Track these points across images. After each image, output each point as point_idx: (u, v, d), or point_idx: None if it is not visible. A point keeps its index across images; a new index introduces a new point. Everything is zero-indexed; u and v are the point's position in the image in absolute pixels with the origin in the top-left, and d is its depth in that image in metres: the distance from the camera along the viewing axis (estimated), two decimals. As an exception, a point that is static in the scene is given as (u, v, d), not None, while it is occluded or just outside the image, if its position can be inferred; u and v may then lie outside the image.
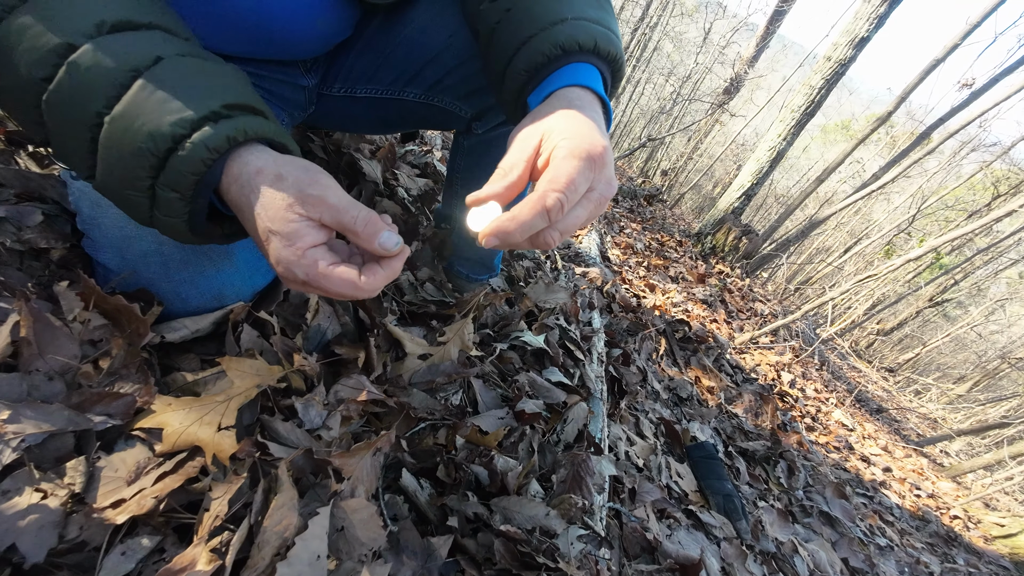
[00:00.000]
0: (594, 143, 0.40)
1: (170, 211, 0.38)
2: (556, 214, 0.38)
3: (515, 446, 0.79)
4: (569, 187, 0.38)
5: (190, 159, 0.36)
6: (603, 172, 0.41)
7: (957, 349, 12.46)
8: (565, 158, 0.39)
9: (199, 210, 0.40)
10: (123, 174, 0.37)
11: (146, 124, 0.35)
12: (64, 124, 0.37)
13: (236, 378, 0.51)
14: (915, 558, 1.87)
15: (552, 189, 0.38)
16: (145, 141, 0.35)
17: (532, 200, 0.38)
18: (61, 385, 0.46)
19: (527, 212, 0.37)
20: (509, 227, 0.37)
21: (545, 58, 0.47)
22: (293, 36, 0.58)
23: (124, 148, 0.36)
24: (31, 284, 0.52)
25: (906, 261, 2.48)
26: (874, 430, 3.61)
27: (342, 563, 0.49)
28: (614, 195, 0.42)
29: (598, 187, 0.41)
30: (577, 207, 0.40)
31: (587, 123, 0.42)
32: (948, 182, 9.54)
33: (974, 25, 4.52)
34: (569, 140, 0.40)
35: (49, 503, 0.39)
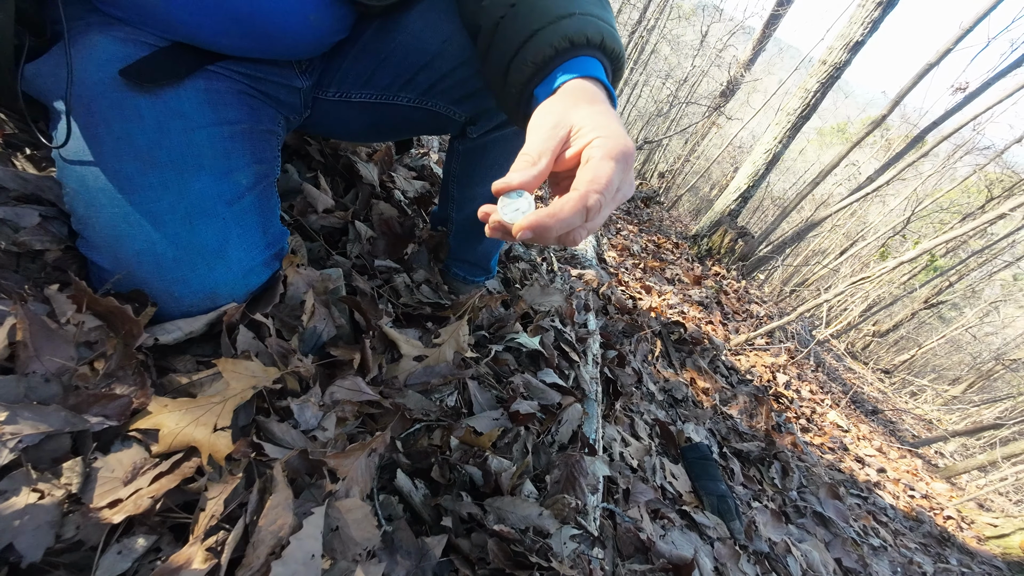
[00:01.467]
0: (627, 144, 0.41)
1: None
2: (594, 215, 0.38)
3: (509, 447, 0.79)
4: (608, 189, 0.39)
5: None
6: (629, 174, 0.42)
7: (952, 351, 12.54)
8: (603, 159, 0.40)
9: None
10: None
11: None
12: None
13: (232, 379, 0.52)
14: (908, 558, 1.88)
15: (594, 190, 0.38)
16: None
17: (574, 199, 0.38)
18: (58, 387, 0.46)
19: (568, 210, 0.38)
20: (549, 223, 0.38)
21: (554, 50, 0.48)
22: (286, 30, 0.58)
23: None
24: (27, 286, 0.52)
25: (900, 263, 2.50)
26: (869, 431, 3.63)
27: (336, 562, 0.49)
28: (632, 193, 0.43)
29: (623, 187, 0.42)
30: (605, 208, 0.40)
31: (616, 122, 0.43)
32: (942, 185, 9.61)
33: (967, 29, 4.56)
34: (604, 140, 0.41)
35: (46, 503, 0.39)
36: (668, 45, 10.59)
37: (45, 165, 0.65)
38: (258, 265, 0.63)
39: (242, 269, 0.60)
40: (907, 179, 8.55)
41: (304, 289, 0.73)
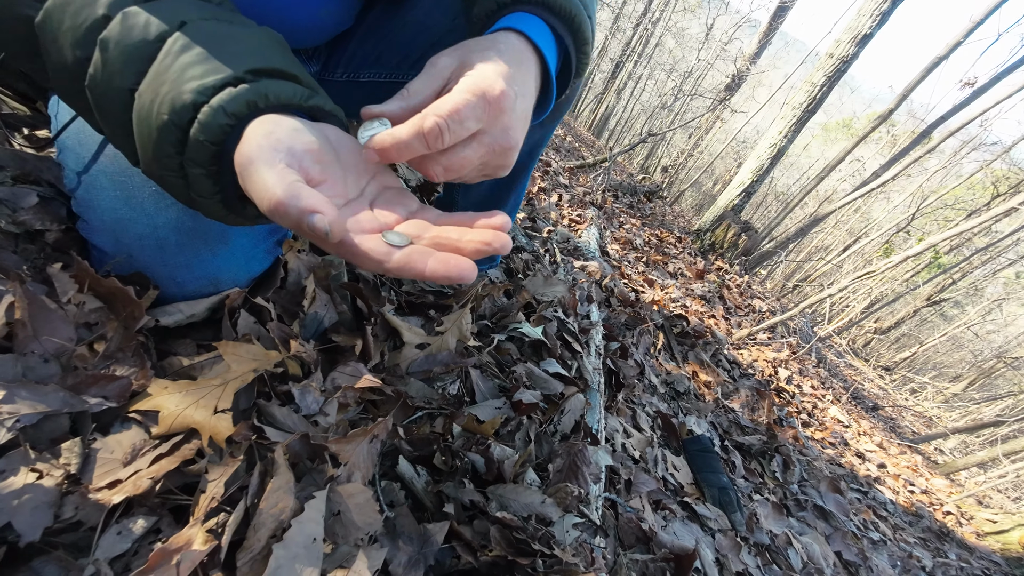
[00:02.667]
0: (493, 84, 0.37)
1: (201, 190, 0.36)
2: (435, 141, 0.35)
3: (512, 435, 0.79)
4: (452, 116, 0.35)
5: (208, 127, 0.33)
6: (499, 118, 0.38)
7: (953, 348, 12.53)
8: (459, 91, 0.37)
9: (227, 186, 0.36)
10: (156, 152, 0.35)
11: (169, 94, 0.33)
12: (105, 106, 0.36)
13: (233, 362, 0.51)
14: (908, 552, 1.88)
15: (432, 113, 0.35)
16: (168, 112, 0.33)
17: (412, 121, 0.35)
18: (56, 367, 0.46)
19: (404, 132, 0.35)
20: (386, 142, 0.36)
21: (496, 4, 0.46)
22: (295, 23, 0.58)
23: (152, 123, 0.34)
24: (26, 267, 0.52)
25: (905, 258, 2.49)
26: (869, 427, 3.63)
27: (338, 547, 0.49)
28: (512, 147, 0.40)
29: (491, 131, 0.38)
30: (465, 148, 0.38)
31: (498, 67, 0.39)
32: (948, 181, 9.54)
33: (977, 23, 4.50)
34: (469, 77, 0.38)
35: (44, 483, 0.39)
36: (673, 38, 10.48)
37: (44, 145, 0.64)
38: (260, 251, 0.62)
39: (245, 255, 0.59)
40: (912, 175, 8.49)
41: (305, 274, 0.72)
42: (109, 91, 0.35)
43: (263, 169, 0.31)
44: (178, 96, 0.33)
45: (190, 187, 0.36)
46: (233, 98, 0.34)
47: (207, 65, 0.34)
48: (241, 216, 0.40)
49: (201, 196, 0.37)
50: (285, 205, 0.29)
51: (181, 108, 0.33)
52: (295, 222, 0.30)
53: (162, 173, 0.36)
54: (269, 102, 0.35)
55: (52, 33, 0.35)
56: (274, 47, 0.39)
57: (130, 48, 0.34)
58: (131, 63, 0.34)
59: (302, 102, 0.38)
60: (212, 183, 0.36)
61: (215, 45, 0.35)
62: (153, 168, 0.37)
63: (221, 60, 0.34)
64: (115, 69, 0.34)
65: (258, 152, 0.32)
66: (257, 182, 0.31)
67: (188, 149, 0.34)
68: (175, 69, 0.34)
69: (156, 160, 0.36)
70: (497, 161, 0.40)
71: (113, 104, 0.35)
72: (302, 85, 0.39)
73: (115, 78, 0.34)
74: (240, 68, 0.35)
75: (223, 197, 0.37)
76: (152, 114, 0.34)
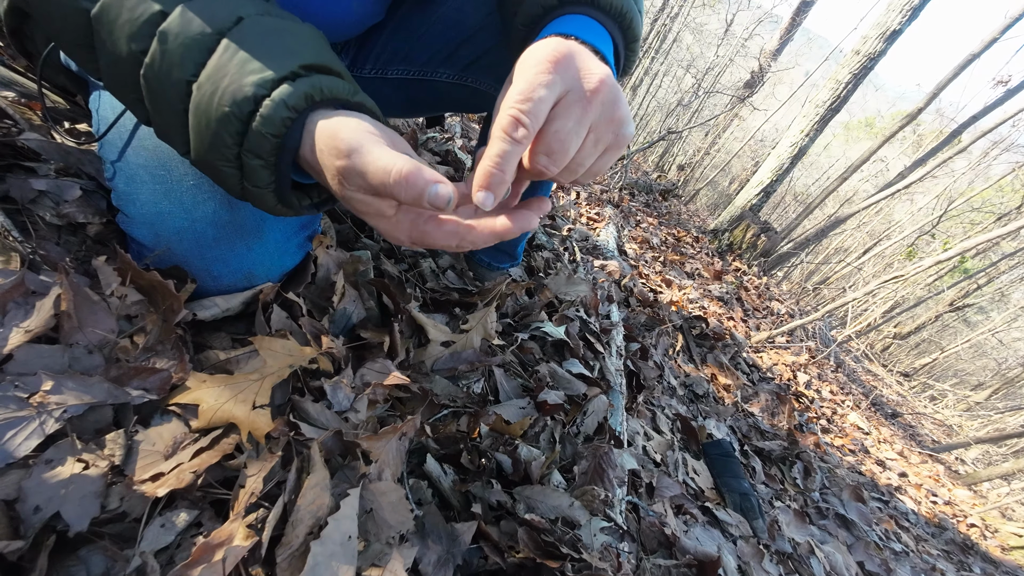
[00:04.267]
0: (555, 48, 0.34)
1: (257, 180, 0.37)
2: (516, 130, 0.32)
3: (537, 436, 0.78)
4: (522, 98, 0.32)
5: (270, 120, 0.34)
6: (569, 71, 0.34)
7: (976, 355, 12.16)
8: (518, 73, 0.34)
9: (283, 178, 0.38)
10: (212, 143, 0.36)
11: (230, 87, 0.34)
12: (160, 97, 0.36)
13: (268, 357, 0.52)
14: (931, 565, 1.83)
15: (513, 104, 0.32)
16: (229, 105, 0.34)
17: (496, 132, 0.33)
18: (100, 358, 0.46)
19: (493, 144, 0.33)
20: (488, 167, 0.33)
21: (541, 9, 0.44)
22: (330, 16, 0.57)
23: (211, 115, 0.35)
24: (69, 259, 0.53)
25: (937, 262, 2.41)
26: (889, 434, 3.54)
27: (370, 544, 0.49)
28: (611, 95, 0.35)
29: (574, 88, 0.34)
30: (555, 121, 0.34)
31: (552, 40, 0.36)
32: (976, 183, 9.24)
33: (1014, 19, 4.33)
34: (532, 48, 0.35)
35: (91, 473, 0.39)
36: (691, 34, 10.31)
37: (85, 139, 0.65)
38: (292, 246, 0.62)
39: (278, 250, 0.59)
40: (937, 177, 8.24)
41: (334, 270, 0.72)
42: (167, 82, 0.35)
43: (377, 150, 0.33)
44: (239, 89, 0.34)
45: (245, 177, 0.37)
46: (292, 92, 0.35)
47: (266, 60, 0.35)
48: (290, 207, 0.41)
49: (256, 187, 0.37)
50: (415, 176, 0.32)
51: (243, 100, 0.34)
52: (418, 193, 0.32)
53: (217, 163, 0.37)
54: (324, 95, 0.36)
55: (108, 25, 0.35)
56: (321, 42, 0.40)
57: (190, 41, 0.34)
58: (190, 55, 0.35)
59: (350, 97, 0.39)
60: (269, 173, 0.37)
61: (271, 40, 0.36)
62: (207, 158, 0.37)
63: (278, 55, 0.35)
64: (174, 61, 0.35)
65: (365, 136, 0.34)
66: (377, 160, 0.33)
67: (248, 140, 0.35)
68: (236, 63, 0.34)
69: (213, 150, 0.36)
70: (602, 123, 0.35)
71: (170, 95, 0.36)
72: (347, 81, 0.40)
73: (174, 70, 0.35)
74: (296, 63, 0.36)
75: (277, 187, 0.38)
76: (212, 105, 0.35)
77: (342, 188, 0.36)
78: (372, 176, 0.33)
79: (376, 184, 0.33)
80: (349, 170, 0.34)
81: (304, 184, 0.43)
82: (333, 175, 0.36)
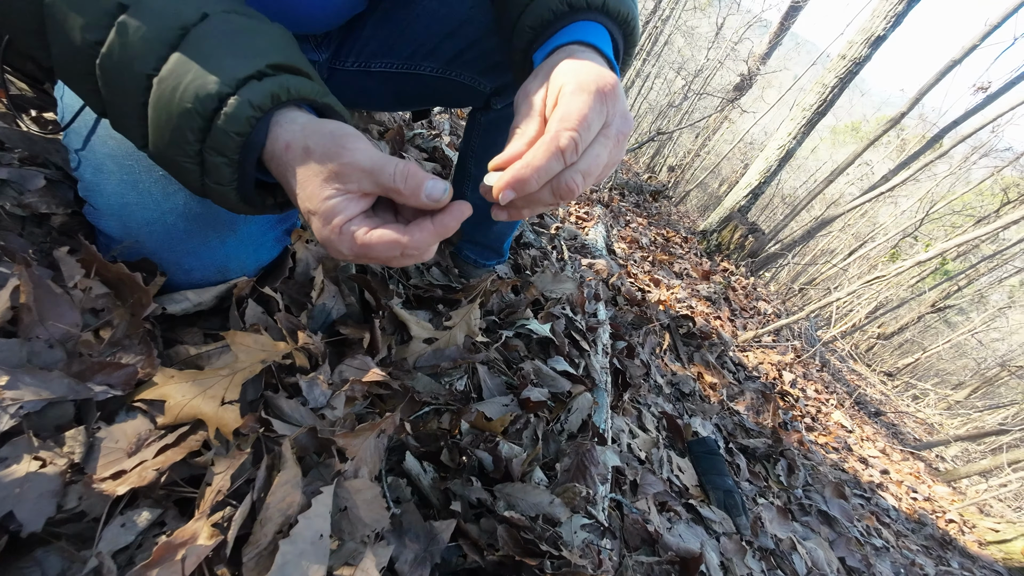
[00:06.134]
0: (602, 75, 0.38)
1: (219, 178, 0.37)
2: (571, 154, 0.36)
3: (519, 433, 0.78)
4: (582, 123, 0.36)
5: (235, 118, 0.34)
6: (616, 106, 0.38)
7: (957, 355, 12.45)
8: (574, 93, 0.37)
9: (247, 176, 0.37)
10: (173, 138, 0.35)
11: (193, 83, 0.34)
12: (117, 89, 0.36)
13: (241, 352, 0.50)
14: (911, 560, 1.87)
15: (564, 128, 0.35)
16: (192, 101, 0.34)
17: (545, 142, 0.35)
18: (61, 353, 0.45)
19: (541, 155, 0.35)
20: (524, 174, 0.35)
21: (552, 14, 0.44)
22: (308, 6, 0.56)
23: (172, 110, 0.34)
24: (32, 250, 0.51)
25: (917, 263, 2.46)
26: (872, 432, 3.61)
27: (344, 543, 0.48)
28: (630, 131, 0.40)
29: (614, 123, 0.38)
30: (595, 145, 0.37)
31: (590, 64, 0.40)
32: (957, 187, 9.45)
33: (994, 26, 4.44)
34: (576, 75, 0.38)
35: (48, 471, 0.38)
36: (682, 36, 10.39)
37: (52, 128, 0.63)
38: (269, 240, 0.61)
39: (253, 243, 0.58)
40: (920, 180, 8.41)
41: (313, 265, 0.71)
42: (126, 74, 0.35)
43: (373, 149, 0.35)
44: (203, 86, 0.33)
45: (206, 174, 0.37)
46: (258, 91, 0.34)
47: (232, 57, 0.34)
48: (252, 206, 0.41)
49: (218, 184, 0.37)
50: (416, 170, 0.35)
51: (206, 97, 0.34)
52: (416, 184, 0.35)
53: (177, 158, 0.36)
54: (291, 95, 0.36)
55: (62, 14, 0.34)
56: (289, 43, 0.40)
57: (151, 35, 0.34)
58: (152, 49, 0.34)
59: (318, 98, 0.39)
60: (232, 171, 0.36)
61: (239, 38, 0.36)
62: (167, 153, 0.37)
63: (244, 53, 0.35)
64: (134, 54, 0.34)
65: (358, 135, 0.36)
66: (376, 157, 0.35)
67: (211, 138, 0.35)
68: (200, 59, 0.34)
69: (173, 145, 0.36)
70: (620, 150, 0.40)
71: (128, 88, 0.35)
72: (315, 82, 0.40)
73: (134, 62, 0.34)
74: (263, 62, 0.35)
75: (239, 185, 0.37)
76: (174, 101, 0.34)
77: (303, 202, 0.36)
78: (376, 172, 0.34)
79: (380, 179, 0.34)
80: (351, 167, 0.34)
81: (268, 183, 0.42)
82: (326, 174, 0.35)
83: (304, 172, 0.35)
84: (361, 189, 0.35)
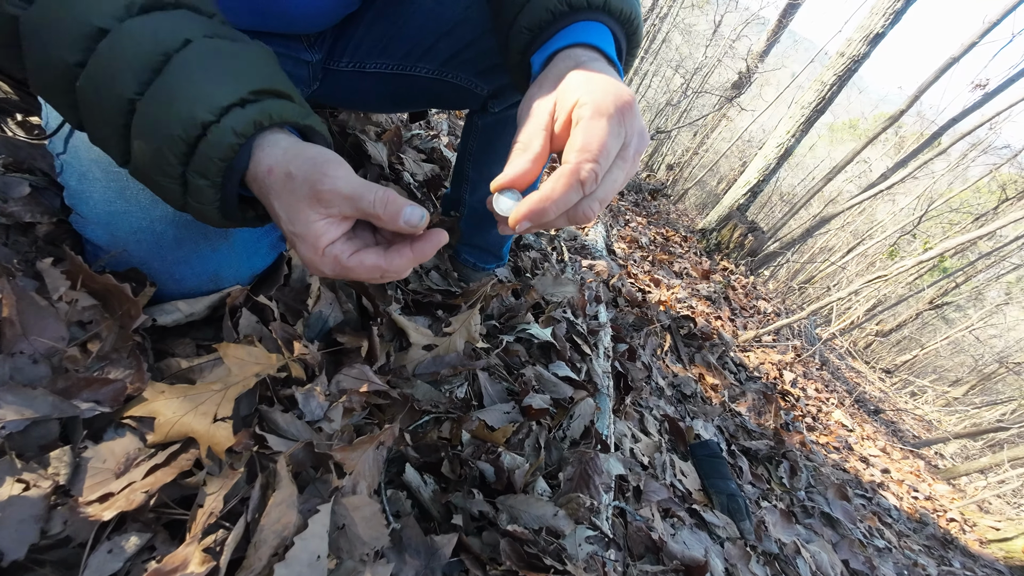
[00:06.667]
0: (620, 94, 0.36)
1: (201, 198, 0.37)
2: (591, 185, 0.35)
3: (521, 443, 0.76)
4: (603, 154, 0.35)
5: (218, 144, 0.35)
6: (634, 125, 0.37)
7: (955, 352, 12.48)
8: (592, 118, 0.35)
9: (229, 196, 0.38)
10: (155, 160, 0.36)
11: (177, 110, 0.34)
12: (98, 110, 0.35)
13: (234, 366, 0.49)
14: (913, 560, 1.86)
15: (585, 160, 0.34)
16: (175, 128, 0.34)
17: (565, 174, 0.34)
18: (46, 369, 0.43)
19: (561, 188, 0.34)
20: (543, 207, 0.34)
21: (550, 15, 0.42)
22: (298, 8, 0.54)
23: (156, 134, 0.35)
24: (16, 260, 0.49)
25: (919, 262, 2.45)
26: (873, 431, 3.61)
27: (342, 562, 0.46)
28: (646, 147, 0.39)
29: (631, 143, 0.37)
30: (613, 169, 0.36)
31: (603, 77, 0.38)
32: (955, 185, 9.46)
33: (993, 23, 4.43)
34: (592, 95, 0.36)
35: (31, 495, 0.36)
36: (680, 34, 10.36)
37: (38, 133, 0.61)
38: (264, 247, 0.59)
39: (247, 251, 0.56)
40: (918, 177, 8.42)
41: (309, 271, 0.69)
42: (106, 97, 0.34)
43: (350, 174, 0.36)
44: (189, 113, 0.34)
45: (188, 193, 0.37)
46: (241, 118, 0.35)
47: (214, 84, 0.35)
48: (234, 221, 0.41)
49: (200, 203, 0.37)
50: (394, 197, 0.36)
51: (190, 125, 0.34)
52: (395, 211, 0.36)
53: (157, 179, 0.37)
54: (273, 121, 0.37)
55: (41, 33, 0.34)
56: (271, 64, 0.40)
57: (134, 60, 0.34)
58: (134, 75, 0.34)
59: (300, 120, 0.39)
60: (215, 192, 0.37)
61: (221, 63, 0.36)
62: (148, 172, 0.37)
63: (227, 79, 0.35)
64: (115, 77, 0.34)
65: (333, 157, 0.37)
66: (350, 181, 0.36)
67: (194, 161, 0.35)
68: (182, 86, 0.34)
69: (155, 167, 0.36)
70: (635, 168, 0.39)
71: (108, 110, 0.35)
72: (297, 104, 0.40)
73: (115, 86, 0.34)
74: (244, 89, 0.36)
75: (221, 205, 0.38)
76: (157, 126, 0.34)
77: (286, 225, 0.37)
78: (357, 199, 0.35)
79: (361, 205, 0.35)
80: (332, 193, 0.35)
81: (249, 197, 0.42)
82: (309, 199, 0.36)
83: (288, 196, 0.36)
84: (342, 213, 0.36)
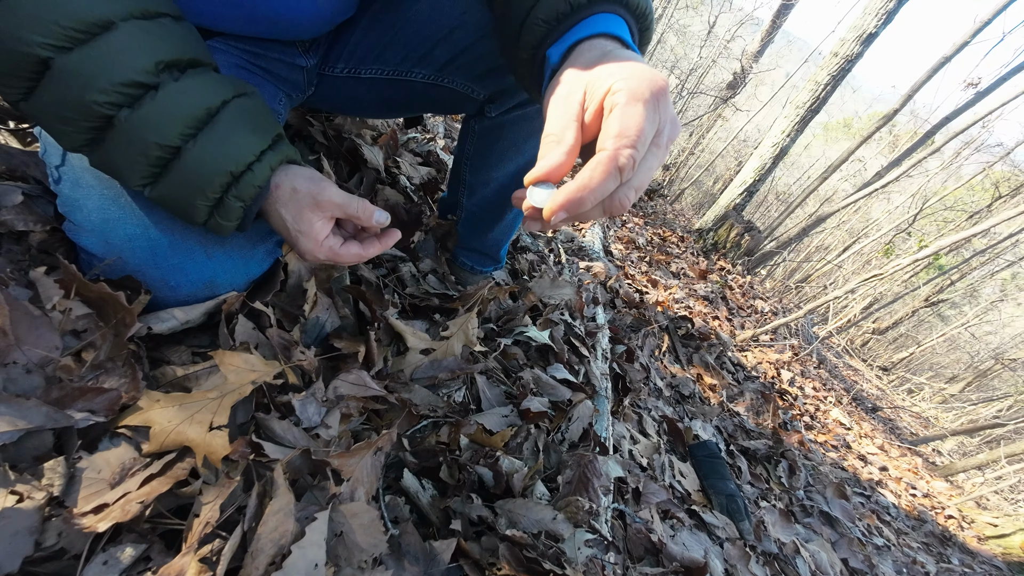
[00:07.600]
0: (654, 79, 0.36)
1: (230, 215, 0.46)
2: (629, 172, 0.34)
3: (520, 446, 0.76)
4: (640, 139, 0.34)
5: (259, 175, 0.46)
6: (667, 111, 0.36)
7: (950, 349, 12.55)
8: (628, 103, 0.34)
9: (251, 212, 0.48)
10: (197, 188, 0.44)
11: (228, 152, 0.44)
12: (134, 145, 0.41)
13: (230, 373, 0.48)
14: (911, 558, 1.87)
15: (624, 145, 0.34)
16: (229, 165, 0.44)
17: (603, 161, 0.34)
18: (40, 379, 0.42)
19: (599, 176, 0.34)
20: (580, 196, 0.34)
21: (569, 6, 0.42)
22: (291, 16, 0.55)
23: (205, 171, 0.43)
24: (9, 269, 0.49)
25: (915, 260, 2.46)
26: (870, 429, 3.62)
27: (341, 570, 0.46)
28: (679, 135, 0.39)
29: (665, 130, 0.36)
30: (648, 156, 0.35)
31: (634, 63, 0.37)
32: (949, 183, 9.52)
33: (984, 23, 4.47)
34: (627, 81, 0.35)
35: (25, 507, 0.36)
36: (675, 35, 10.40)
37: (30, 140, 0.61)
38: (259, 253, 0.59)
39: (243, 256, 0.56)
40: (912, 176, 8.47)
41: (306, 276, 0.69)
42: (152, 136, 0.41)
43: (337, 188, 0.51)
44: (238, 155, 0.45)
45: (218, 212, 0.46)
46: (272, 157, 0.47)
47: (252, 135, 0.46)
48: (241, 227, 0.50)
49: (226, 220, 0.47)
50: (367, 204, 0.53)
51: (240, 163, 0.45)
52: (369, 214, 0.53)
53: (192, 200, 0.45)
54: (285, 157, 0.50)
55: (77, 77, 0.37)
56: (271, 114, 0.50)
57: (184, 113, 0.42)
58: (185, 123, 0.42)
59: (293, 155, 0.51)
60: (242, 209, 0.47)
61: (253, 118, 0.47)
62: (176, 196, 0.44)
63: (258, 130, 0.47)
64: (157, 125, 0.41)
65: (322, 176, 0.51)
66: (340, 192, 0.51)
67: (236, 189, 0.45)
68: (228, 134, 0.44)
69: (193, 193, 0.44)
70: (666, 155, 0.38)
71: (149, 145, 0.41)
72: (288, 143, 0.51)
73: (159, 131, 0.41)
74: (270, 137, 0.47)
75: (243, 218, 0.48)
76: (207, 165, 0.43)
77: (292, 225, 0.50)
78: (345, 205, 0.51)
79: (347, 210, 0.51)
80: (329, 201, 0.50)
81: None
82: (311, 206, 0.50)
83: (294, 205, 0.49)
84: (333, 215, 0.51)
